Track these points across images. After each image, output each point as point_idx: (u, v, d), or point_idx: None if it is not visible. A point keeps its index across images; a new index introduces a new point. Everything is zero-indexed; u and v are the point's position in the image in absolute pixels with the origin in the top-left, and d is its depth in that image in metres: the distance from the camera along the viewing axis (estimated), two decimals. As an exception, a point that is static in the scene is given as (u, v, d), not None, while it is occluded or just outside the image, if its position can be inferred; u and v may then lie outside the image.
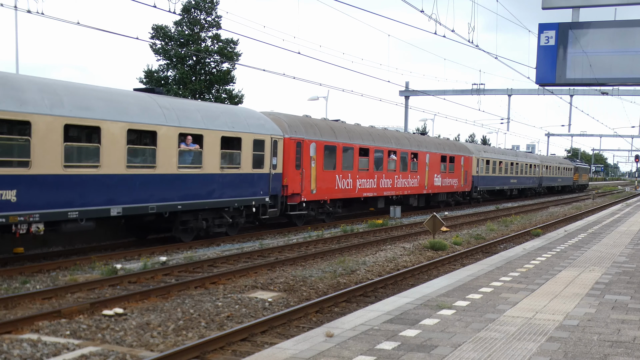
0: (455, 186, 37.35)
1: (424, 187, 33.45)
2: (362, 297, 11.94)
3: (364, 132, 28.22)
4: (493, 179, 45.33)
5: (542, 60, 12.25)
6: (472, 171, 40.34)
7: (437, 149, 35.40)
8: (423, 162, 33.27)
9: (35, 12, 17.41)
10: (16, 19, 26.54)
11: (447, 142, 39.36)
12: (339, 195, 25.44)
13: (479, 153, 42.50)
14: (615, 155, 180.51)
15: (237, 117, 19.77)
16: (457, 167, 37.66)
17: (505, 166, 47.91)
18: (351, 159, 26.31)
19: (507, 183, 48.79)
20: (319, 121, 25.53)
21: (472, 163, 40.47)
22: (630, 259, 13.71)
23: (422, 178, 33.19)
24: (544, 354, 6.33)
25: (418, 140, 33.95)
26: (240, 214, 19.73)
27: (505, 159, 48.29)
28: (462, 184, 38.55)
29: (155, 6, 16.86)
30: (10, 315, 9.95)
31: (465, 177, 38.82)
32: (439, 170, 35.12)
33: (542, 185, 60.20)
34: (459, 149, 39.01)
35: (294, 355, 6.12)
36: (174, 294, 11.69)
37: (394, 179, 29.98)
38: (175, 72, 39.68)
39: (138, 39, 32.08)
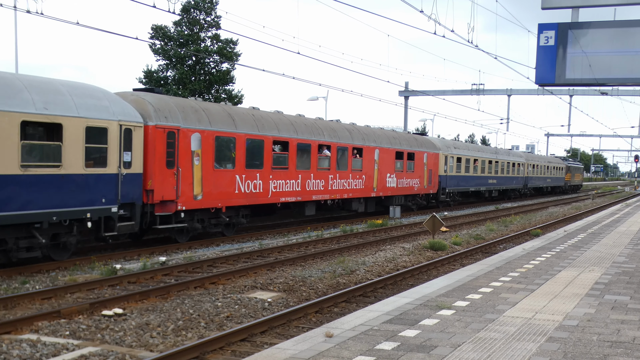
0: (416, 187, 32.36)
1: (372, 189, 27.98)
2: (362, 297, 11.94)
3: (283, 121, 22.43)
4: (466, 179, 39.79)
5: (542, 60, 12.24)
6: (438, 170, 35.20)
7: (390, 143, 29.86)
8: (370, 158, 27.81)
9: (35, 12, 17.40)
10: (16, 19, 26.55)
11: (406, 135, 33.84)
12: (240, 201, 19.72)
13: (447, 149, 37.16)
14: (615, 155, 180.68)
15: (57, 94, 14.05)
16: (418, 165, 32.52)
17: (482, 165, 42.63)
18: (261, 155, 20.65)
19: (484, 184, 43.39)
20: (209, 105, 19.76)
21: (438, 161, 35.27)
22: (629, 259, 13.72)
23: (370, 178, 27.72)
24: (544, 354, 6.33)
25: (364, 132, 28.14)
26: (70, 230, 14.39)
27: (481, 157, 42.91)
28: (426, 185, 33.56)
29: (155, 6, 16.87)
30: (10, 315, 9.95)
31: (429, 177, 33.77)
32: (394, 168, 29.89)
33: (527, 186, 55.21)
34: (420, 144, 33.63)
35: (294, 355, 6.12)
36: (174, 294, 11.69)
37: (328, 180, 24.36)
38: (175, 72, 39.66)
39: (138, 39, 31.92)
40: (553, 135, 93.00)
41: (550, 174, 63.42)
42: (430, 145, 35.07)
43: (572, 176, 74.99)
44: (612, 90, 40.81)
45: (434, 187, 34.65)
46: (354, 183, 26.49)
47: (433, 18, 17.76)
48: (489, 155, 44.99)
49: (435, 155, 34.98)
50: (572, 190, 75.94)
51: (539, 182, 59.71)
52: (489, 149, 49.34)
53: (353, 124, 28.17)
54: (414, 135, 35.12)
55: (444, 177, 36.24)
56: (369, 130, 29.04)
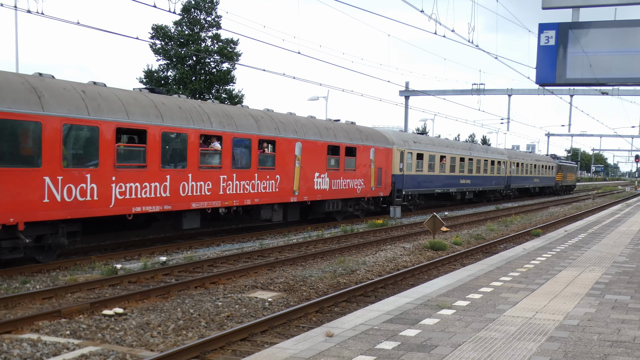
0: (359, 189, 26.44)
1: (292, 192, 22.05)
2: (362, 297, 11.94)
3: (139, 102, 16.55)
4: (430, 180, 34.40)
5: (542, 60, 12.24)
6: (392, 168, 29.73)
7: (319, 135, 23.86)
8: (288, 153, 21.93)
9: (35, 12, 17.41)
10: (16, 19, 26.56)
11: (344, 126, 26.64)
12: (55, 213, 13.92)
13: (404, 144, 31.47)
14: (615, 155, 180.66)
15: None
16: (361, 163, 26.66)
17: (451, 162, 37.13)
18: (94, 148, 14.92)
19: (454, 184, 37.76)
20: None
21: (392, 157, 29.65)
22: (630, 259, 13.71)
23: (287, 178, 21.86)
24: (544, 353, 6.33)
25: (278, 120, 21.89)
26: None
27: (451, 153, 37.31)
28: (374, 186, 27.70)
29: (155, 6, 16.87)
30: (10, 315, 9.95)
31: (378, 176, 27.99)
32: (325, 166, 24.00)
33: (510, 186, 49.46)
34: (366, 136, 27.60)
35: (294, 355, 6.12)
36: (174, 294, 11.69)
37: (219, 182, 18.57)
38: (175, 72, 39.68)
39: (138, 39, 32.13)
40: (553, 135, 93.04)
41: (538, 173, 57.86)
42: (381, 138, 29.02)
43: (564, 176, 69.41)
44: (612, 90, 40.79)
45: (385, 189, 28.83)
46: (263, 185, 20.45)
47: (433, 18, 17.77)
48: (460, 152, 39.02)
49: (387, 151, 29.13)
50: (565, 191, 70.57)
51: (525, 183, 54.17)
52: (461, 144, 42.23)
53: (268, 111, 22.48)
54: (357, 126, 27.86)
55: (400, 176, 30.53)
56: (287, 118, 22.76)
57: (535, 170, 56.72)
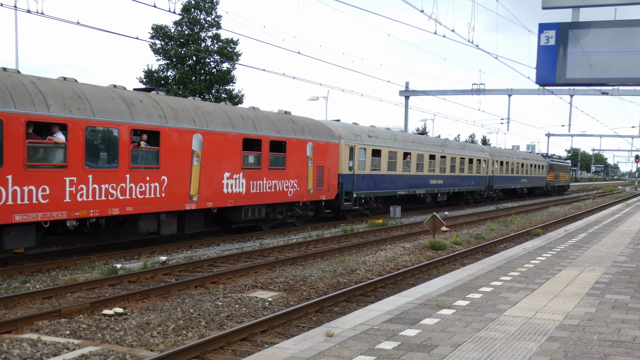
0: (292, 192, 22.08)
1: (189, 198, 17.45)
2: (362, 297, 11.94)
3: None
4: (389, 180, 29.72)
5: (542, 60, 12.24)
6: (339, 167, 25.19)
7: (231, 125, 19.16)
8: (181, 149, 17.16)
9: (35, 12, 17.41)
10: (16, 19, 26.58)
11: (270, 115, 21.86)
12: None
13: (355, 138, 26.51)
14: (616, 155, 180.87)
15: None
16: (295, 160, 22.21)
17: (418, 160, 32.72)
18: None
19: (422, 185, 33.30)
20: None
21: (339, 154, 25.22)
22: (630, 258, 13.71)
23: (180, 180, 17.11)
24: (544, 353, 6.33)
25: (166, 106, 16.98)
26: None
27: (418, 150, 32.82)
28: (313, 188, 23.25)
29: (155, 6, 16.89)
30: (10, 314, 9.95)
31: (319, 176, 23.56)
32: (240, 164, 19.46)
33: (493, 187, 44.91)
34: (301, 128, 22.84)
35: (294, 355, 6.12)
36: (174, 294, 11.69)
37: (65, 185, 14.18)
38: (175, 72, 39.69)
39: (138, 39, 32.13)
40: (553, 135, 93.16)
41: (526, 172, 53.33)
42: (322, 131, 24.17)
43: (557, 176, 64.81)
44: (612, 90, 40.82)
45: (329, 191, 24.30)
46: (140, 189, 15.97)
47: (433, 18, 17.78)
48: (430, 149, 34.43)
49: (333, 147, 24.48)
50: (557, 192, 65.79)
51: (510, 183, 49.46)
52: (432, 139, 36.95)
53: (154, 92, 17.60)
54: (291, 116, 23.19)
55: (349, 176, 25.83)
56: (181, 103, 17.79)
57: (522, 169, 52.32)
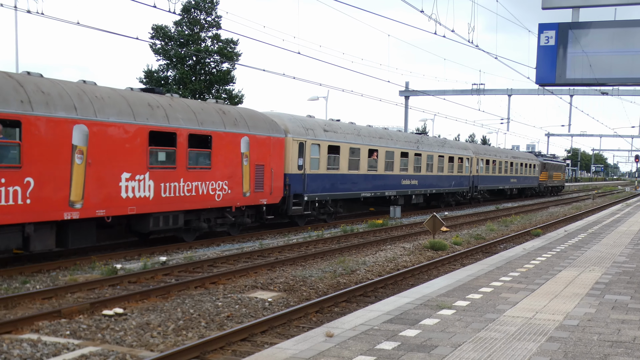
0: (221, 196, 18.64)
1: (68, 205, 14.08)
2: (362, 297, 11.94)
3: None
4: (351, 180, 26.05)
5: (542, 60, 12.25)
6: (284, 166, 21.86)
7: (130, 115, 15.54)
8: (55, 144, 13.80)
9: (35, 12, 17.42)
10: (16, 19, 26.57)
11: (191, 105, 18.33)
12: None
13: (306, 133, 22.89)
14: (616, 155, 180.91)
15: None
16: (224, 158, 18.78)
17: (387, 158, 29.17)
18: None
19: (392, 186, 29.75)
20: None
21: (285, 151, 21.84)
22: (630, 259, 13.71)
23: (55, 183, 13.80)
24: (544, 354, 6.33)
25: (33, 89, 13.29)
26: None
27: (386, 147, 29.20)
28: (249, 191, 19.85)
29: (155, 6, 16.89)
30: (10, 315, 9.95)
31: (258, 177, 20.33)
32: (145, 163, 15.94)
33: (478, 188, 41.28)
34: (232, 121, 19.25)
35: (294, 355, 6.12)
36: (174, 294, 11.69)
37: None
38: (175, 72, 39.71)
39: (138, 39, 32.08)
40: (553, 135, 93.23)
41: (515, 172, 50.03)
42: (263, 123, 20.67)
43: (550, 175, 61.52)
44: (612, 90, 40.84)
45: (272, 194, 20.96)
46: None
47: (433, 18, 17.77)
48: (402, 146, 30.99)
49: (277, 142, 21.16)
50: (550, 193, 62.63)
51: (498, 183, 45.87)
52: (405, 135, 33.74)
53: (23, 73, 14.23)
54: (219, 105, 19.78)
55: (299, 177, 22.40)
56: (57, 87, 14.03)
57: (512, 168, 49.02)
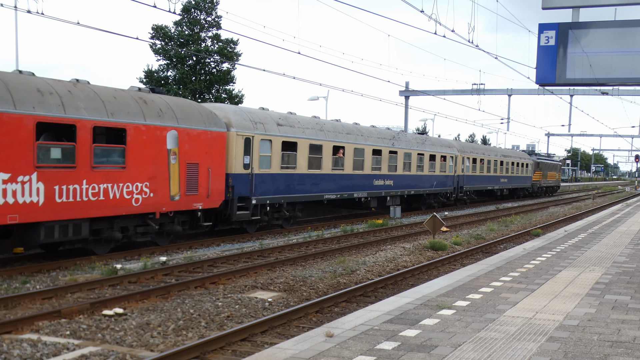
0: (141, 200, 15.92)
1: None
2: (362, 297, 11.94)
3: None
4: (312, 180, 23.46)
5: (542, 60, 12.25)
6: (228, 165, 19.14)
7: (6, 103, 12.93)
8: None
9: (35, 12, 17.42)
10: (16, 19, 26.59)
11: (98, 91, 15.41)
12: None
13: (253, 127, 20.10)
14: (615, 155, 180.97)
15: None
16: (144, 155, 16.03)
17: (356, 156, 26.46)
18: None
19: (363, 186, 26.99)
20: None
21: (227, 148, 19.06)
22: (630, 259, 13.71)
23: None
24: (544, 354, 6.33)
25: None
26: None
27: (355, 143, 26.44)
28: (179, 194, 17.08)
29: (155, 6, 16.87)
30: (10, 315, 9.95)
31: (191, 177, 17.54)
32: (31, 160, 13.39)
33: (463, 188, 38.54)
34: (157, 112, 16.49)
35: (294, 355, 6.12)
36: (174, 294, 11.69)
37: None
38: (175, 72, 39.70)
39: (138, 39, 32.08)
40: (553, 135, 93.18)
41: (506, 172, 47.38)
42: (196, 116, 17.83)
43: (544, 175, 59.04)
44: (612, 90, 40.83)
45: (210, 197, 18.19)
46: None
47: (433, 18, 17.76)
48: (374, 142, 28.13)
49: (216, 138, 18.25)
50: (545, 193, 60.38)
51: (486, 183, 43.08)
52: (378, 131, 30.05)
53: None
54: (138, 93, 16.70)
55: (245, 177, 19.69)
56: None
57: (502, 168, 46.32)
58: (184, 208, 17.51)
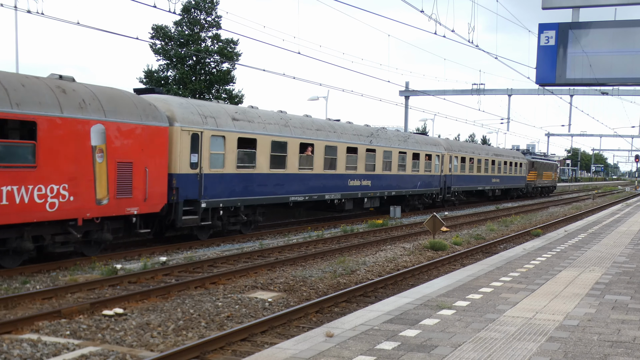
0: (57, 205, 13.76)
1: None
2: (362, 297, 11.94)
3: None
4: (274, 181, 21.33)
5: (542, 60, 12.26)
6: (168, 164, 16.97)
7: None
8: None
9: (35, 12, 17.43)
10: (16, 19, 26.57)
11: None
12: None
13: (202, 121, 18.08)
14: (615, 155, 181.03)
15: None
16: (62, 153, 13.94)
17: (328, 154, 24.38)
18: None
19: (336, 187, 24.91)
20: None
21: (167, 145, 16.88)
22: (630, 259, 13.71)
23: None
24: (544, 354, 6.33)
25: None
26: None
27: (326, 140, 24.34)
28: (108, 197, 15.03)
29: (155, 6, 16.89)
30: (10, 315, 9.96)
31: (123, 178, 15.47)
32: None
33: (450, 188, 36.38)
34: (79, 103, 14.43)
35: (294, 355, 6.12)
36: (174, 294, 11.69)
37: None
38: (175, 72, 39.71)
39: (138, 39, 32.11)
40: (553, 135, 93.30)
41: (498, 171, 45.07)
42: (130, 108, 15.70)
43: (539, 175, 56.89)
44: (612, 90, 40.87)
45: (148, 201, 16.12)
46: None
47: (433, 18, 17.77)
48: (348, 139, 25.88)
49: (155, 133, 16.21)
50: (540, 194, 58.32)
51: (476, 183, 40.90)
52: (352, 128, 27.24)
53: None
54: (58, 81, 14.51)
55: (192, 178, 17.67)
56: None
57: (493, 167, 44.05)
58: (115, 213, 15.32)
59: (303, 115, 24.84)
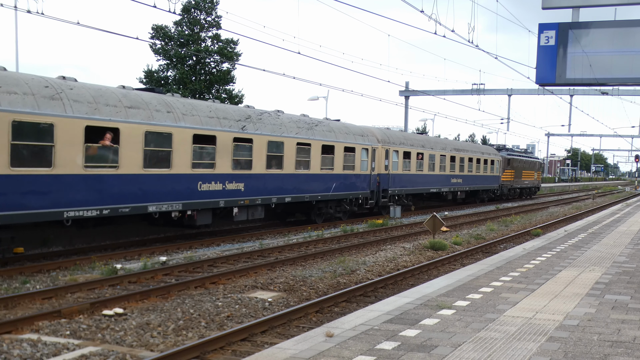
0: None
1: None
2: (362, 297, 11.94)
3: None
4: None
5: (542, 60, 12.25)
6: None
7: None
8: None
9: (35, 12, 17.42)
10: (16, 19, 26.60)
11: None
12: None
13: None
14: (615, 155, 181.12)
15: None
16: None
17: (159, 145, 16.23)
18: None
19: (172, 194, 16.60)
20: None
21: None
22: (630, 258, 13.71)
23: None
24: (544, 354, 6.33)
25: None
26: None
27: (159, 125, 16.07)
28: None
29: (155, 6, 16.88)
30: (10, 315, 9.95)
31: None
32: None
33: (389, 191, 28.90)
34: None
35: (294, 355, 6.12)
36: (174, 294, 11.69)
37: None
38: (175, 72, 39.70)
39: (138, 39, 32.10)
40: (553, 135, 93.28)
41: (461, 170, 38.01)
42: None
43: (518, 174, 49.42)
44: (612, 90, 40.87)
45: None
46: None
47: (433, 18, 17.77)
48: (192, 124, 17.28)
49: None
50: (519, 196, 51.43)
51: (428, 185, 33.71)
52: (206, 105, 18.84)
53: None
54: None
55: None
56: None
57: (453, 165, 36.91)
58: None
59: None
